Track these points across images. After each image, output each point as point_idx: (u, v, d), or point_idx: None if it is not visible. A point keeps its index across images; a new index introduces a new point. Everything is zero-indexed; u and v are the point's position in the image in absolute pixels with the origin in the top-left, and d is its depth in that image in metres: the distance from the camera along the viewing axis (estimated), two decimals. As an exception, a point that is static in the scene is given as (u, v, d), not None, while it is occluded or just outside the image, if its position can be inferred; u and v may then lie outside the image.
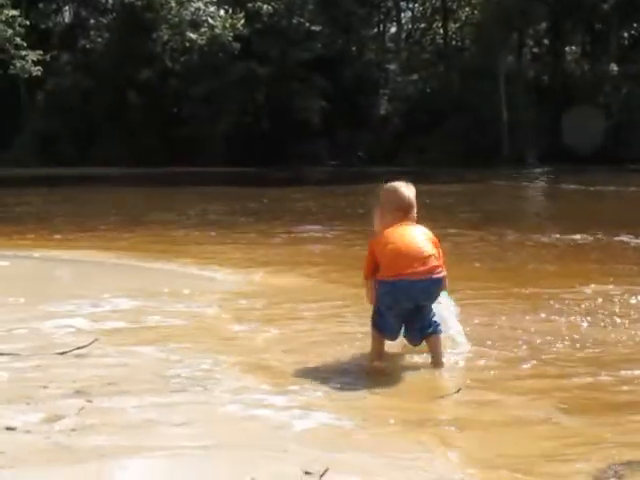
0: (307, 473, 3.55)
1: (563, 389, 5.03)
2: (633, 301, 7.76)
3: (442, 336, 5.68)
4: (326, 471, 3.53)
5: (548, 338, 6.26)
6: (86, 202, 24.85)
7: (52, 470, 3.49)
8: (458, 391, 4.90)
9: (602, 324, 6.77)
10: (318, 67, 49.01)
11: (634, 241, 12.74)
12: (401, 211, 5.87)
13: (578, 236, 13.27)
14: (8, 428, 4.07)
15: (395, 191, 6.01)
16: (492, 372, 5.39)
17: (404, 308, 5.56)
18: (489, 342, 6.06)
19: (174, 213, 19.64)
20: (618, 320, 6.91)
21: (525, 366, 5.55)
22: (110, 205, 22.94)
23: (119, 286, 8.78)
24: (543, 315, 7.12)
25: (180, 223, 17.12)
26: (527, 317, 7.06)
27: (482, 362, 5.60)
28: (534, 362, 5.64)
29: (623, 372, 5.36)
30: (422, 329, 5.61)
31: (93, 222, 17.37)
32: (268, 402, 4.63)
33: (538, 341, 6.17)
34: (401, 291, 5.50)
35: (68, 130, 49.67)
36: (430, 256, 5.58)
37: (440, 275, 5.60)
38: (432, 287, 5.59)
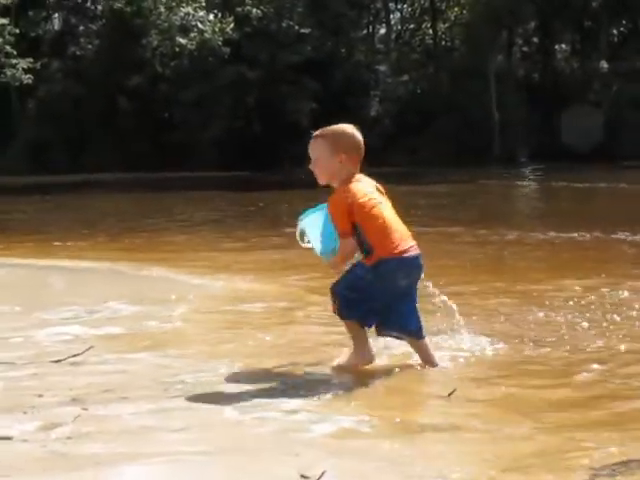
0: (303, 477, 3.54)
1: (560, 389, 5.01)
2: (631, 297, 7.76)
3: None
4: (323, 474, 3.53)
5: (547, 337, 6.24)
6: (79, 209, 24.85)
7: (48, 478, 3.50)
8: (452, 393, 4.87)
9: (604, 324, 6.71)
10: (308, 70, 49.03)
11: (630, 238, 12.74)
12: (359, 159, 5.50)
13: (575, 234, 13.26)
14: (4, 437, 4.06)
15: (354, 135, 5.50)
16: (487, 372, 5.38)
17: (398, 287, 5.35)
18: (486, 341, 6.04)
19: (167, 219, 19.64)
20: (618, 318, 6.89)
21: (522, 366, 5.53)
22: (103, 212, 22.94)
23: (114, 293, 8.78)
24: (541, 314, 7.11)
25: (173, 229, 17.10)
26: (526, 316, 7.04)
27: (477, 362, 5.59)
28: (532, 361, 5.61)
29: (626, 374, 5.32)
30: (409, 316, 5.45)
31: (87, 229, 17.36)
32: (267, 407, 4.62)
33: (536, 340, 6.15)
34: (397, 268, 5.32)
35: (60, 137, 49.63)
36: (410, 234, 5.49)
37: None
38: (421, 264, 5.47)
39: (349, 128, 5.53)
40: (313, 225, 5.51)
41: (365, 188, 5.43)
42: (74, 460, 3.74)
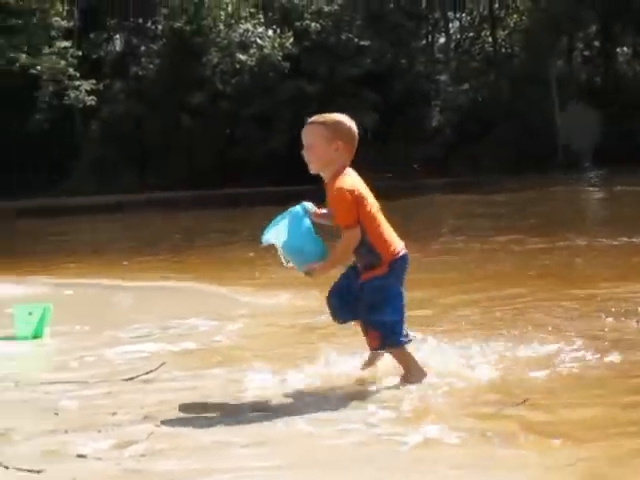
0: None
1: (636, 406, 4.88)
2: None
3: None
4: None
5: (622, 346, 6.08)
6: (142, 227, 25.09)
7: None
8: (523, 402, 4.81)
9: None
10: (368, 82, 49.13)
11: None
12: (353, 150, 5.36)
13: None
14: (79, 455, 4.10)
15: (351, 126, 5.37)
16: (561, 381, 5.28)
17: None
18: (559, 347, 5.96)
19: (228, 235, 19.69)
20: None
21: (597, 375, 5.39)
22: (166, 230, 23.10)
23: (182, 310, 8.86)
24: (610, 319, 7.00)
25: (235, 245, 17.14)
26: (598, 323, 6.91)
27: (550, 370, 5.49)
28: (609, 370, 5.48)
29: None
30: None
31: (150, 247, 17.53)
32: (342, 419, 4.60)
33: (612, 349, 5.97)
34: (402, 269, 5.31)
35: (123, 157, 50.23)
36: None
37: None
38: None
39: (346, 117, 5.42)
40: (279, 237, 5.40)
41: (362, 183, 5.34)
42: (148, 477, 3.76)
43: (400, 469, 3.79)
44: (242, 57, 50.20)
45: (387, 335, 5.25)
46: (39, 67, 51.48)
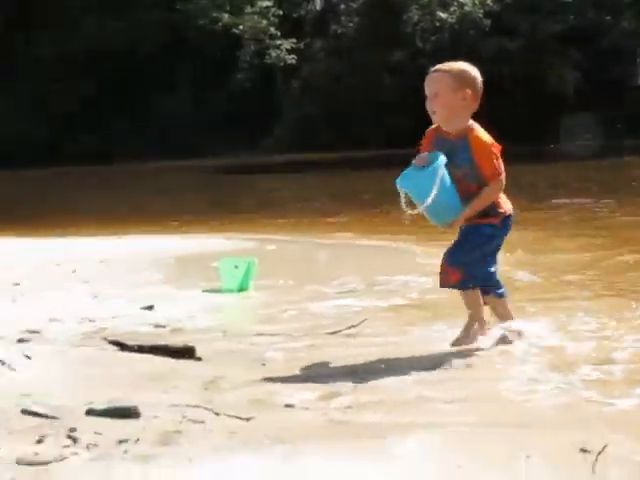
0: (584, 451, 3.48)
1: None
2: None
3: None
4: (604, 448, 3.45)
5: None
6: (337, 185, 25.36)
7: (333, 445, 3.57)
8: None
9: None
10: (571, 38, 47.96)
11: None
12: (479, 100, 5.21)
13: None
14: (287, 405, 4.21)
15: (477, 75, 5.22)
16: None
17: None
18: None
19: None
20: None
21: None
22: (359, 189, 23.17)
23: (381, 266, 8.95)
24: None
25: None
26: None
27: None
28: None
29: None
30: None
31: (342, 206, 17.75)
32: (543, 381, 4.53)
33: None
34: (509, 227, 5.24)
35: (323, 115, 50.67)
36: None
37: None
38: None
39: (470, 66, 5.28)
40: (426, 191, 5.12)
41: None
42: (355, 429, 3.81)
43: (606, 432, 3.72)
44: (442, 15, 49.87)
45: (468, 278, 5.16)
46: (241, 27, 52.52)
